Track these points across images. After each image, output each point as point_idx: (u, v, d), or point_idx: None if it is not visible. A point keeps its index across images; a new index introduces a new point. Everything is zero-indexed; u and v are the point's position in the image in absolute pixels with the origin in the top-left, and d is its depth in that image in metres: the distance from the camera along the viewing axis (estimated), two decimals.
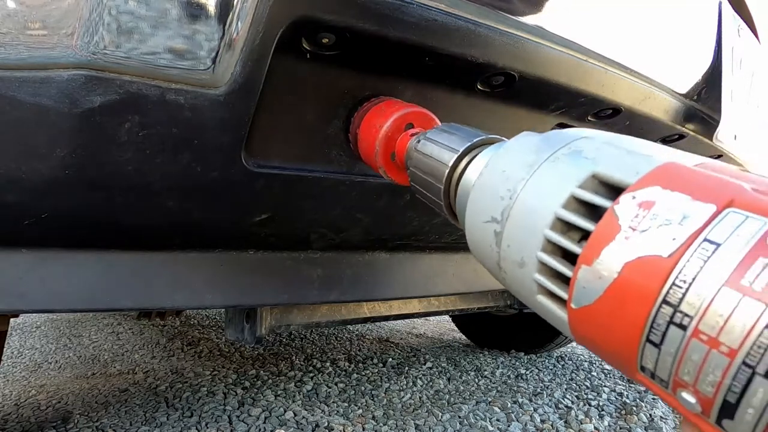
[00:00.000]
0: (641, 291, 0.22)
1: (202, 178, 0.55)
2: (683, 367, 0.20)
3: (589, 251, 0.24)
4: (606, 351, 0.25)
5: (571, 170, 0.28)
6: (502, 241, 0.31)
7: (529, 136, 0.34)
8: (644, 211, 0.23)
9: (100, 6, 0.44)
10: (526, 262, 0.28)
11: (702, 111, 0.99)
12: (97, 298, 0.63)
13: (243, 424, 1.15)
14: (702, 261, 0.20)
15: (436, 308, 1.26)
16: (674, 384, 0.21)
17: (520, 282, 0.30)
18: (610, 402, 1.37)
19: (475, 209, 0.34)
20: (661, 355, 0.21)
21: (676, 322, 0.20)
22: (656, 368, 0.22)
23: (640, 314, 0.22)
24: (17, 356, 2.06)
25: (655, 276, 0.21)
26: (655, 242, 0.22)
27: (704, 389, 0.20)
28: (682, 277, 0.21)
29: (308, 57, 0.57)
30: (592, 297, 0.24)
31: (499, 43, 0.63)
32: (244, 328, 0.94)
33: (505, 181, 0.32)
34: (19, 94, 0.46)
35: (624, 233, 0.23)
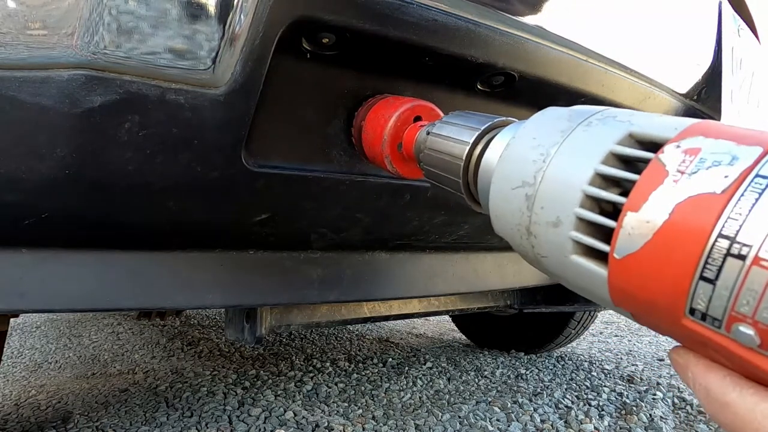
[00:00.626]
0: (695, 228, 0.22)
1: (202, 178, 0.55)
2: (741, 299, 0.20)
3: (635, 197, 0.25)
4: (649, 301, 0.24)
5: (607, 131, 0.28)
6: (535, 204, 0.30)
7: (557, 109, 0.34)
8: (691, 156, 0.24)
9: (100, 6, 0.44)
10: (562, 220, 0.28)
11: (702, 111, 0.99)
12: (97, 298, 0.63)
13: (243, 424, 1.15)
14: (757, 193, 0.21)
15: (436, 308, 1.26)
16: (729, 319, 0.21)
17: (552, 243, 0.29)
18: (610, 402, 1.37)
19: (503, 179, 0.34)
20: (716, 290, 0.21)
21: (734, 253, 0.20)
22: (709, 307, 0.22)
23: (694, 251, 0.22)
24: (17, 356, 2.06)
25: (710, 212, 0.22)
26: (707, 182, 0.22)
27: (765, 317, 0.20)
28: (738, 210, 0.21)
29: (308, 57, 0.57)
30: (640, 243, 0.24)
31: (499, 43, 0.63)
32: (244, 328, 0.94)
33: (537, 147, 0.32)
34: (19, 94, 0.46)
35: (673, 177, 0.24)
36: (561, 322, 1.76)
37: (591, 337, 2.29)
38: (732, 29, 1.06)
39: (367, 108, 0.63)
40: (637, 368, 1.72)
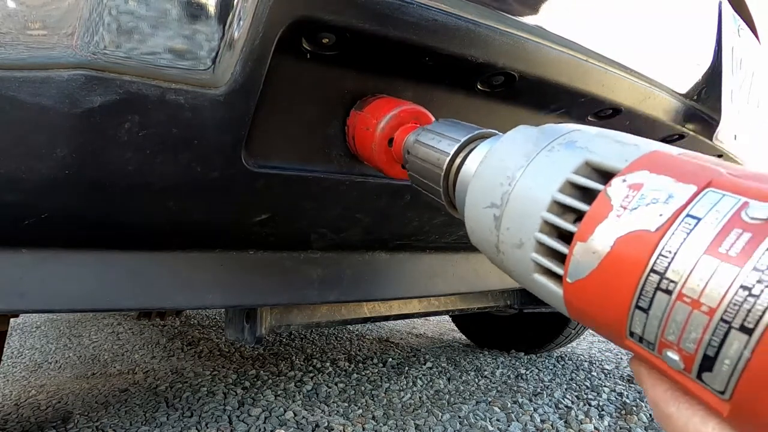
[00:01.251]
0: (632, 262, 0.24)
1: (202, 178, 0.55)
2: (668, 328, 0.23)
3: (584, 228, 0.27)
4: (598, 320, 0.27)
5: (566, 158, 0.31)
6: (501, 225, 0.33)
7: (526, 129, 0.37)
8: (634, 192, 0.26)
9: (100, 6, 0.44)
10: (524, 243, 0.31)
11: (702, 111, 0.99)
12: (97, 298, 0.63)
13: (243, 424, 1.15)
14: (685, 233, 0.23)
15: (436, 308, 1.26)
16: (660, 345, 0.23)
17: (518, 262, 0.32)
18: (610, 402, 1.37)
19: (475, 196, 0.36)
20: (649, 319, 0.24)
21: (663, 288, 0.23)
22: (644, 332, 0.24)
23: (631, 283, 0.24)
24: (17, 356, 2.06)
25: (644, 248, 0.24)
26: (644, 219, 0.24)
27: (686, 346, 0.22)
28: (668, 248, 0.23)
29: (308, 57, 0.57)
30: (587, 270, 0.26)
31: (499, 43, 0.63)
32: (244, 328, 0.94)
33: (505, 169, 0.34)
34: (19, 94, 0.46)
35: (616, 212, 0.26)
36: (561, 322, 1.76)
37: (591, 337, 2.29)
38: (732, 29, 1.06)
39: (359, 108, 0.63)
40: None
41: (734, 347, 0.20)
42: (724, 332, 0.20)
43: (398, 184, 0.71)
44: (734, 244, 0.21)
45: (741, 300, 0.20)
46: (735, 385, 0.20)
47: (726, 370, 0.21)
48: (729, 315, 0.20)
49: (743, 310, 0.20)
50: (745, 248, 0.21)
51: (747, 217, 0.22)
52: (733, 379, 0.20)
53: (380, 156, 0.59)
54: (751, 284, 0.20)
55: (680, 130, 0.96)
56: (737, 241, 0.21)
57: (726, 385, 0.21)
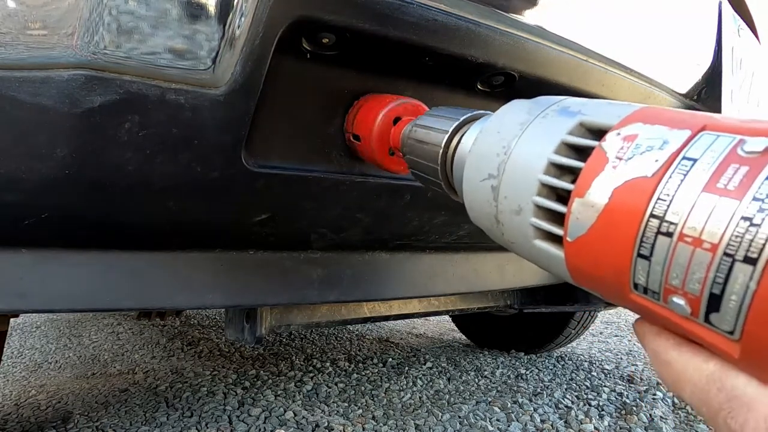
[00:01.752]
0: (630, 210, 0.24)
1: (202, 178, 0.55)
2: (672, 272, 0.22)
3: (581, 184, 0.27)
4: (601, 277, 0.26)
5: (560, 122, 0.31)
6: (499, 194, 0.33)
7: (520, 102, 0.37)
8: (628, 143, 0.26)
9: (100, 6, 0.44)
10: (523, 208, 0.30)
11: (702, 111, 0.99)
12: (97, 298, 0.63)
13: (243, 424, 1.15)
14: (682, 175, 0.23)
15: (436, 308, 1.26)
16: (665, 292, 0.23)
17: (518, 230, 0.32)
18: (610, 402, 1.37)
19: (472, 171, 0.36)
20: (652, 266, 0.23)
21: (663, 231, 0.22)
22: (648, 281, 0.23)
23: (631, 231, 0.24)
24: (17, 356, 2.06)
25: (642, 194, 0.24)
26: (640, 166, 0.24)
27: (691, 288, 0.21)
28: (666, 191, 0.23)
29: (308, 57, 0.57)
30: (587, 225, 0.26)
31: (499, 43, 0.63)
32: (244, 328, 0.94)
33: (500, 140, 0.34)
34: (19, 94, 0.46)
35: (612, 164, 0.26)
36: (561, 322, 1.76)
37: (591, 337, 2.29)
38: (732, 29, 1.06)
39: (357, 108, 0.63)
40: (637, 368, 1.72)
41: (740, 280, 0.20)
42: (728, 267, 0.20)
43: (398, 183, 0.71)
44: (732, 178, 0.21)
45: (743, 231, 0.20)
46: (744, 321, 0.20)
47: (733, 307, 0.20)
48: (732, 248, 0.20)
49: (746, 240, 0.19)
50: (743, 181, 0.20)
51: (743, 152, 0.21)
52: (741, 315, 0.20)
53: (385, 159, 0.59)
54: (752, 214, 0.20)
55: None
56: (735, 175, 0.21)
57: (735, 324, 0.20)
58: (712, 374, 0.22)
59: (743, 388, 0.20)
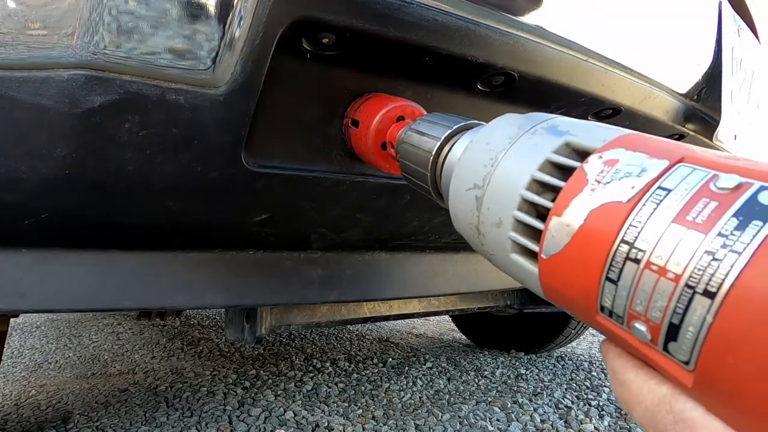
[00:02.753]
0: (603, 233, 0.24)
1: (202, 177, 0.55)
2: (636, 298, 0.23)
3: (559, 203, 0.27)
4: (571, 296, 0.27)
5: (547, 140, 0.31)
6: (483, 205, 0.33)
7: (512, 116, 0.37)
8: (609, 167, 0.26)
9: (100, 6, 0.44)
10: (503, 221, 0.31)
11: (702, 111, 0.99)
12: (97, 298, 0.63)
13: (243, 424, 1.15)
14: (655, 204, 0.23)
15: (436, 308, 1.26)
16: (628, 317, 0.24)
17: (496, 242, 0.32)
18: (610, 402, 1.37)
19: (459, 180, 0.37)
20: (618, 290, 0.24)
21: (632, 258, 0.23)
22: (613, 305, 0.24)
23: (601, 254, 0.24)
24: (17, 356, 2.06)
25: (615, 218, 0.24)
26: (617, 191, 0.25)
27: (653, 315, 0.22)
28: (638, 218, 0.23)
29: (308, 57, 0.57)
30: (561, 244, 0.26)
31: (499, 43, 0.63)
32: (244, 328, 0.94)
33: (488, 151, 0.35)
34: (19, 94, 0.46)
35: (590, 186, 0.26)
36: (561, 322, 1.76)
37: (591, 337, 2.29)
38: (732, 29, 1.06)
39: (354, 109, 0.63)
40: None
41: (698, 312, 0.20)
42: (689, 298, 0.21)
43: (398, 183, 0.71)
44: (701, 212, 0.21)
45: (705, 265, 0.20)
46: (698, 352, 0.20)
47: (690, 338, 0.21)
48: (693, 280, 0.21)
49: (707, 274, 0.20)
50: (711, 215, 0.21)
51: (715, 188, 0.22)
52: (696, 347, 0.20)
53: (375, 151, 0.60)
54: (715, 249, 0.20)
55: (680, 130, 0.96)
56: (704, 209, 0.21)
57: (690, 354, 0.21)
58: (663, 397, 0.23)
59: (690, 412, 0.22)
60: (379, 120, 0.59)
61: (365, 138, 0.60)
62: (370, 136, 0.59)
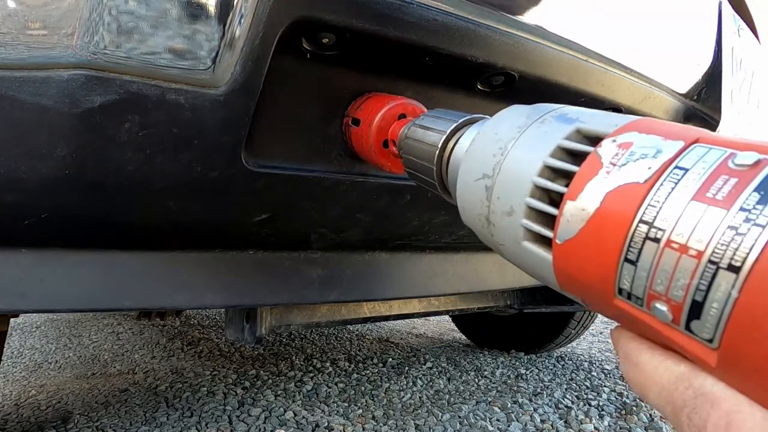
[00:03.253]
0: (621, 214, 0.24)
1: (202, 177, 0.55)
2: (657, 278, 0.23)
3: (574, 188, 0.27)
4: (587, 282, 0.27)
5: (557, 127, 0.31)
6: (493, 194, 0.33)
7: (519, 107, 0.37)
8: (623, 150, 0.26)
9: (100, 6, 0.44)
10: (515, 209, 0.31)
11: (702, 111, 0.99)
12: (97, 298, 0.63)
13: (243, 424, 1.15)
14: (673, 183, 0.23)
15: (436, 308, 1.26)
16: (648, 298, 0.23)
17: (508, 231, 0.32)
18: (610, 402, 1.37)
19: (467, 171, 0.37)
20: (637, 271, 0.23)
21: (651, 237, 0.23)
22: (632, 286, 0.24)
23: (619, 235, 0.24)
24: (17, 356, 2.06)
25: (633, 199, 0.24)
26: (633, 173, 0.25)
27: (675, 294, 0.22)
28: (657, 198, 0.23)
29: (308, 57, 0.57)
30: (576, 228, 0.26)
31: (499, 43, 0.63)
32: (244, 328, 0.94)
33: (497, 141, 0.34)
34: (19, 94, 0.46)
35: (605, 169, 0.26)
36: (561, 322, 1.76)
37: (591, 337, 2.29)
38: (732, 29, 1.06)
39: (355, 108, 0.63)
40: None
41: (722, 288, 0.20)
42: (712, 274, 0.20)
43: (398, 183, 0.71)
44: (721, 189, 0.21)
45: (728, 240, 0.20)
46: (723, 329, 0.20)
47: (714, 314, 0.20)
48: (716, 255, 0.20)
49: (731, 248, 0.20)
50: (731, 191, 0.21)
51: (733, 165, 0.22)
52: (721, 323, 0.20)
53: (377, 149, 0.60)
54: (738, 224, 0.20)
55: None
56: (724, 185, 0.21)
57: (714, 332, 0.21)
58: (681, 374, 0.23)
59: (711, 387, 0.21)
60: (381, 117, 0.59)
61: (367, 136, 0.60)
62: (372, 134, 0.59)
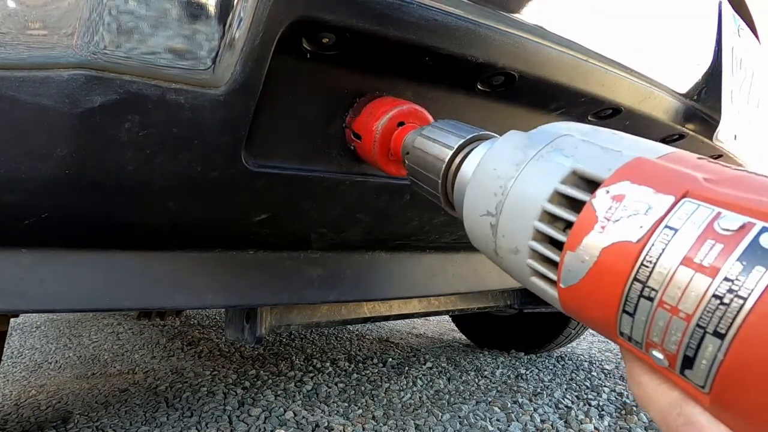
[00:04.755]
0: (616, 271, 0.26)
1: (202, 177, 0.55)
2: (652, 331, 0.25)
3: (572, 239, 0.29)
4: (591, 321, 0.29)
5: (553, 168, 0.33)
6: (497, 232, 0.35)
7: (516, 135, 0.38)
8: (616, 203, 0.28)
9: (100, 6, 0.44)
10: (520, 249, 0.33)
11: (702, 111, 0.99)
12: (97, 298, 0.63)
13: (243, 424, 1.15)
14: (663, 244, 0.25)
15: (436, 308, 1.26)
16: (646, 345, 0.26)
17: (516, 267, 0.34)
18: (610, 402, 1.37)
19: (472, 204, 0.38)
20: (635, 322, 0.26)
21: (645, 295, 0.25)
22: (632, 333, 0.26)
23: (616, 290, 0.26)
24: (17, 356, 2.06)
25: (627, 258, 0.26)
26: (626, 230, 0.26)
27: (669, 347, 0.24)
28: (649, 258, 0.25)
29: (308, 57, 0.57)
30: (577, 278, 0.28)
31: (499, 43, 0.63)
32: (244, 328, 0.94)
33: (497, 179, 0.36)
34: (19, 94, 0.46)
35: (600, 223, 0.28)
36: (561, 322, 1.76)
37: (591, 337, 2.29)
38: (732, 29, 1.06)
39: (358, 109, 0.63)
40: None
41: (709, 350, 0.22)
42: (700, 336, 0.22)
43: (398, 183, 0.71)
44: (708, 255, 0.23)
45: (714, 308, 0.22)
46: (713, 381, 0.22)
47: (704, 369, 0.23)
48: (703, 321, 0.22)
49: (716, 317, 0.22)
50: (717, 258, 0.23)
51: (719, 228, 0.23)
52: (710, 376, 0.22)
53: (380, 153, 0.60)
54: (722, 293, 0.22)
55: (680, 130, 0.96)
56: (710, 251, 0.23)
57: (705, 381, 0.23)
58: (675, 400, 0.25)
59: (698, 416, 0.24)
60: (381, 134, 0.59)
61: (371, 152, 0.61)
62: (376, 150, 0.60)
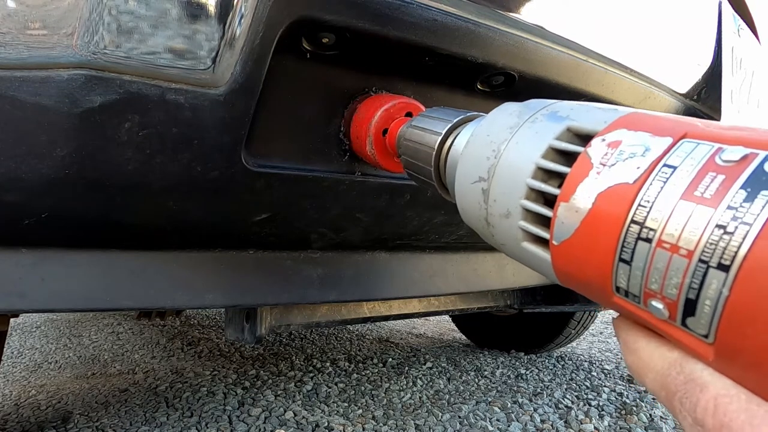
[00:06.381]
0: (612, 215, 0.25)
1: (202, 177, 0.55)
2: (651, 277, 0.23)
3: (566, 189, 0.27)
4: (585, 280, 0.27)
5: (548, 127, 0.32)
6: (489, 197, 0.34)
7: (511, 105, 0.37)
8: (612, 149, 0.26)
9: (100, 6, 0.44)
10: (512, 212, 0.31)
11: (702, 111, 0.99)
12: (97, 298, 0.63)
13: (243, 424, 1.15)
14: (662, 182, 0.23)
15: (436, 308, 1.26)
16: (644, 296, 0.24)
17: (507, 232, 0.33)
18: (610, 402, 1.37)
19: (464, 174, 0.37)
20: (632, 270, 0.24)
21: (643, 237, 0.23)
22: (629, 285, 0.24)
23: (613, 236, 0.25)
24: (17, 356, 2.06)
25: (624, 200, 0.24)
26: (622, 173, 0.25)
27: (669, 293, 0.22)
28: (646, 198, 0.24)
29: (308, 57, 0.57)
30: (571, 230, 0.27)
31: (499, 43, 0.63)
32: (244, 328, 0.94)
33: (490, 143, 0.35)
34: (19, 94, 0.46)
35: (596, 169, 0.26)
36: (561, 322, 1.76)
37: (591, 337, 2.29)
38: (732, 29, 1.06)
39: (354, 107, 0.64)
40: None
41: (713, 286, 0.20)
42: (703, 272, 0.21)
43: (398, 183, 0.71)
44: (709, 187, 0.22)
45: (717, 239, 0.20)
46: (717, 325, 0.21)
47: (708, 311, 0.21)
48: (706, 255, 0.21)
49: (719, 248, 0.20)
50: (719, 189, 0.21)
51: (721, 161, 0.22)
52: (714, 319, 0.21)
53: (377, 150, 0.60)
54: (726, 222, 0.20)
55: None
56: (712, 183, 0.22)
57: (709, 328, 0.21)
58: (674, 360, 0.24)
59: (700, 372, 0.22)
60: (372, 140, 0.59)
61: (368, 150, 0.61)
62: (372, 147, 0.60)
